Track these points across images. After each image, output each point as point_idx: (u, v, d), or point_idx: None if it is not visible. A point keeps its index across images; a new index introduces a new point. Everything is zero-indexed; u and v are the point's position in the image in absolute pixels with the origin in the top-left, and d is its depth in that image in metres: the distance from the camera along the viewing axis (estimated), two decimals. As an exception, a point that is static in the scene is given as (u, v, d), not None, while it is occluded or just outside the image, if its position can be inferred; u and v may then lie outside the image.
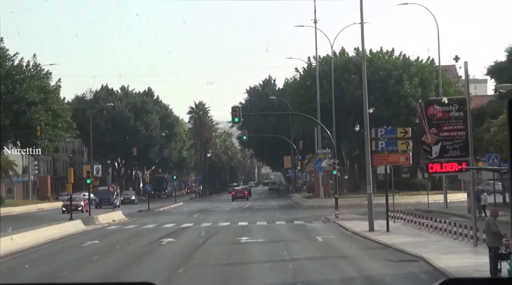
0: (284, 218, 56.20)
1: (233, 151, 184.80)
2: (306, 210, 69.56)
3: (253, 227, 48.24)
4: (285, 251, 31.79)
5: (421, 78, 77.71)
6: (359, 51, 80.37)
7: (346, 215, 56.04)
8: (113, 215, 59.53)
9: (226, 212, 71.82)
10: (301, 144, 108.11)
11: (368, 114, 79.87)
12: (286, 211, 68.70)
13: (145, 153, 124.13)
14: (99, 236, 42.92)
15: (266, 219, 56.24)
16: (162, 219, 60.13)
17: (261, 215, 62.89)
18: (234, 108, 54.84)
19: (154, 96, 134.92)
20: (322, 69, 79.65)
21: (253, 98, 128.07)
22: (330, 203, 72.77)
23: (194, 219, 60.22)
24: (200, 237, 40.59)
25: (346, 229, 43.52)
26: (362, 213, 59.91)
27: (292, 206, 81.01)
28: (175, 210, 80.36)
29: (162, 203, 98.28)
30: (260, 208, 77.13)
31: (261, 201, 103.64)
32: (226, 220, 56.66)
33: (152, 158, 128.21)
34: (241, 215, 64.54)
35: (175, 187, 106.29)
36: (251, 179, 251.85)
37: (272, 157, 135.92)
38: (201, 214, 69.13)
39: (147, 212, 74.66)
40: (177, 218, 62.21)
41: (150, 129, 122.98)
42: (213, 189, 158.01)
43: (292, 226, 48.40)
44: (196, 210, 78.39)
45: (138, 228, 49.79)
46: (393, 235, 37.50)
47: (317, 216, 58.91)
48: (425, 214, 47.64)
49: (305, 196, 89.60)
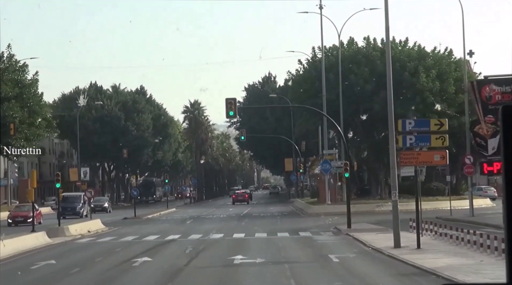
0: (287, 228, 48.22)
1: (231, 153, 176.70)
2: (311, 217, 61.57)
3: (250, 240, 40.29)
4: (292, 279, 23.82)
5: (439, 70, 69.77)
6: (369, 40, 72.53)
7: (360, 225, 48.12)
8: (89, 224, 51.48)
9: (221, 220, 63.85)
10: (304, 145, 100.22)
11: (379, 112, 72.24)
12: (289, 219, 60.70)
13: (136, 155, 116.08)
14: (59, 254, 34.89)
15: (266, 229, 48.28)
16: (146, 229, 52.18)
17: (260, 224, 54.89)
18: (228, 100, 46.93)
19: (147, 95, 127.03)
20: (328, 61, 71.73)
21: (252, 96, 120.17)
22: (338, 210, 64.98)
23: (184, 228, 52.26)
24: (185, 255, 32.57)
25: (364, 244, 35.51)
26: (376, 222, 52.02)
27: (295, 213, 73.03)
28: (165, 217, 72.40)
29: (153, 208, 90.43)
30: (259, 215, 69.14)
31: (261, 206, 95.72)
32: (220, 230, 48.71)
33: (144, 160, 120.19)
34: (238, 223, 56.56)
35: (168, 191, 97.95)
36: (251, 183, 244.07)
37: (272, 159, 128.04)
38: (193, 222, 61.19)
39: (132, 220, 66.75)
40: (164, 227, 54.25)
41: (142, 129, 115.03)
42: (210, 193, 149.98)
43: (298, 239, 40.40)
44: (188, 217, 70.48)
45: (113, 242, 41.80)
46: (428, 254, 29.51)
47: (325, 225, 51.03)
48: (449, 223, 39.93)
49: (308, 201, 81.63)
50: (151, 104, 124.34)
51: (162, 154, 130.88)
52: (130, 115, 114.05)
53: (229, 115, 47.11)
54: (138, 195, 71.06)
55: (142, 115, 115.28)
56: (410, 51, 70.70)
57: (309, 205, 73.15)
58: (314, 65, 72.63)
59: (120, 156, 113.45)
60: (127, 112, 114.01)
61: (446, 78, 69.62)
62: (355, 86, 69.48)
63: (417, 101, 68.65)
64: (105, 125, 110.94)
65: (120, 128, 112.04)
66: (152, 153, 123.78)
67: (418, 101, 68.55)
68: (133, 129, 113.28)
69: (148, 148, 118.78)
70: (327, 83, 69.32)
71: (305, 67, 73.75)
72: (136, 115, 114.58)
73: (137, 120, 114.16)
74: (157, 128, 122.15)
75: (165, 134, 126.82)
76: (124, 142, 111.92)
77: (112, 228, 54.28)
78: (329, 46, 74.35)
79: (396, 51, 70.92)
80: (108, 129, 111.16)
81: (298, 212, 72.47)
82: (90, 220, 54.68)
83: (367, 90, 68.94)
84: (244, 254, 31.47)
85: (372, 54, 69.98)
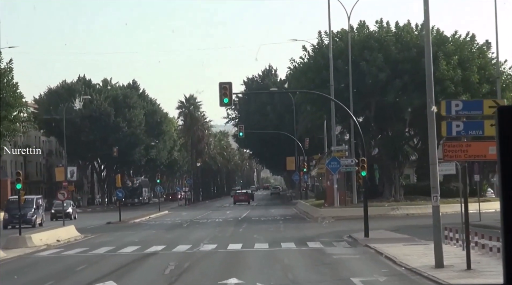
0: (293, 237, 40.71)
1: (229, 152, 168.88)
2: (319, 223, 53.98)
3: (248, 254, 32.77)
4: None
5: (460, 57, 62.18)
6: (382, 23, 64.97)
7: (378, 232, 40.66)
8: (59, 232, 43.84)
9: (217, 225, 56.24)
10: (307, 142, 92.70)
11: (394, 104, 64.75)
12: (293, 224, 53.08)
13: (128, 154, 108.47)
14: (3, 274, 27.32)
15: (268, 237, 40.76)
16: (128, 237, 44.71)
17: (261, 230, 47.29)
18: (222, 85, 39.46)
19: (140, 90, 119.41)
20: (336, 46, 64.16)
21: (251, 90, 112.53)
22: (348, 214, 57.56)
23: (171, 236, 44.74)
24: (162, 278, 25.04)
25: (393, 260, 27.91)
26: (396, 228, 44.54)
27: (299, 216, 65.48)
28: (154, 221, 64.88)
29: (144, 211, 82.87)
30: (259, 219, 61.54)
31: (261, 208, 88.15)
32: (213, 239, 41.19)
33: (136, 159, 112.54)
34: (235, 230, 48.99)
35: (160, 192, 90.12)
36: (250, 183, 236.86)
37: (272, 158, 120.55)
38: (184, 227, 53.65)
39: (116, 225, 59.33)
40: (149, 235, 46.76)
41: (134, 126, 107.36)
42: (207, 194, 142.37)
43: (307, 252, 32.83)
44: (180, 221, 63.04)
45: (81, 255, 34.27)
46: (486, 278, 22.03)
47: (337, 232, 43.53)
48: (481, 231, 32.73)
49: (313, 203, 74.01)
50: (144, 99, 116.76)
51: (156, 153, 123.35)
52: (121, 111, 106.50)
53: (224, 103, 39.57)
54: (123, 196, 63.36)
55: (133, 111, 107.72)
56: (428, 35, 62.98)
57: (315, 207, 65.56)
58: (320, 52, 64.98)
59: (110, 154, 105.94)
60: (118, 107, 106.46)
61: (469, 66, 62.04)
62: (367, 75, 61.88)
63: (437, 91, 60.75)
64: (94, 122, 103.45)
65: (110, 125, 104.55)
66: (145, 152, 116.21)
67: (437, 91, 60.66)
68: (124, 126, 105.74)
69: (141, 146, 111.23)
70: (335, 72, 61.79)
71: (310, 54, 65.99)
72: (127, 111, 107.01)
73: (128, 117, 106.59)
74: (150, 125, 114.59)
75: (159, 132, 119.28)
76: (114, 140, 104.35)
77: (89, 236, 46.78)
78: (337, 31, 66.83)
79: (412, 35, 63.48)
80: (97, 126, 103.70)
81: (302, 216, 64.93)
82: (63, 227, 47.02)
83: (381, 79, 61.42)
84: (240, 276, 23.95)
85: (386, 38, 62.41)
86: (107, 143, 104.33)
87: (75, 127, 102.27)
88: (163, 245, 37.72)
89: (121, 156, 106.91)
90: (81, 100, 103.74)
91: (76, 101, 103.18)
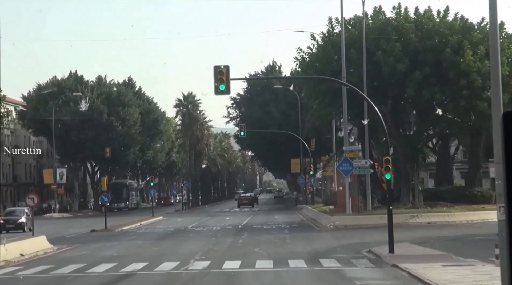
0: (302, 252, 33.95)
1: (231, 155, 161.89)
2: (330, 232, 47.21)
3: (248, 276, 26.02)
4: None
5: (489, 47, 55.27)
6: (400, 9, 58.19)
7: (403, 246, 33.98)
8: (25, 244, 36.99)
9: (213, 234, 49.39)
10: (314, 143, 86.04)
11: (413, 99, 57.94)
12: (301, 234, 46.23)
13: (121, 154, 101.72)
14: None
15: (272, 252, 34.00)
16: (106, 250, 38.01)
17: (263, 242, 40.50)
18: (218, 69, 32.76)
19: (136, 88, 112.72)
20: (349, 35, 57.40)
21: (254, 88, 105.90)
22: (362, 222, 50.88)
23: (158, 249, 38.03)
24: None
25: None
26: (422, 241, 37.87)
27: (306, 224, 58.64)
28: (144, 229, 58.16)
29: (137, 217, 76.18)
30: (262, 228, 54.71)
31: (264, 214, 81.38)
32: (207, 254, 34.46)
33: (131, 160, 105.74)
34: (233, 241, 42.16)
35: (153, 196, 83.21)
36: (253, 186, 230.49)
37: (276, 160, 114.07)
38: (176, 237, 46.92)
39: (100, 234, 52.68)
40: (132, 247, 40.00)
41: (128, 125, 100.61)
42: (207, 198, 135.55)
43: (321, 275, 26.01)
44: (173, 229, 56.40)
45: (38, 277, 27.56)
46: None
47: (353, 246, 36.84)
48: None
49: (321, 209, 67.24)
50: (140, 97, 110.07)
51: (153, 154, 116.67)
52: (115, 109, 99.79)
53: (219, 91, 32.79)
54: (108, 201, 56.67)
55: (128, 109, 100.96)
56: (452, 23, 56.29)
57: (324, 214, 58.69)
58: (331, 40, 58.10)
59: (103, 155, 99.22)
60: (111, 105, 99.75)
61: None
62: (383, 67, 55.08)
63: (461, 85, 54.21)
64: (85, 121, 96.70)
65: (102, 124, 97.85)
66: (140, 153, 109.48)
67: (462, 85, 54.12)
68: (118, 125, 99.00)
69: (135, 147, 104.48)
70: (347, 63, 55.05)
71: (320, 44, 59.09)
72: (121, 109, 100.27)
73: (122, 115, 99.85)
74: (147, 125, 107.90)
75: (156, 132, 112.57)
76: (106, 139, 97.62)
77: (63, 248, 40.06)
78: (349, 17, 60.03)
79: (434, 22, 56.66)
80: (89, 125, 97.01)
81: (310, 224, 58.08)
82: (32, 237, 40.18)
83: (399, 71, 54.63)
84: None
85: (405, 26, 55.61)
86: (99, 143, 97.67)
87: (65, 126, 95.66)
88: (144, 261, 30.99)
89: (115, 157, 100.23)
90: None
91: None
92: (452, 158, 68.90)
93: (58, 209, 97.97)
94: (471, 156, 63.56)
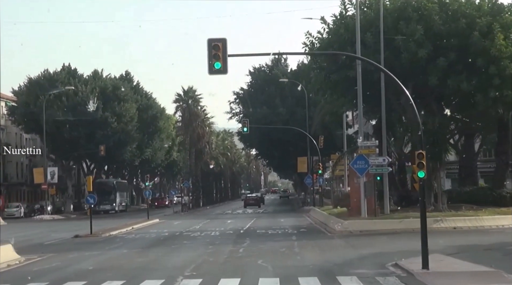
0: (314, 265, 27.97)
1: (234, 154, 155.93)
2: (344, 239, 41.15)
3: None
4: None
5: (521, 30, 49.45)
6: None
7: (437, 259, 28.01)
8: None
9: (210, 241, 43.27)
10: (322, 140, 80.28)
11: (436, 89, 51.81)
12: (311, 242, 40.16)
13: (117, 153, 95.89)
14: None
15: (278, 266, 28.01)
16: (82, 262, 32.10)
17: (268, 251, 34.47)
18: (213, 43, 26.88)
19: (133, 82, 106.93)
20: (364, 17, 51.43)
21: (258, 82, 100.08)
22: (381, 227, 44.91)
23: (142, 260, 32.08)
24: None
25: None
26: (452, 249, 32.03)
27: (316, 229, 52.62)
28: (135, 234, 52.22)
29: (131, 219, 70.51)
30: (265, 233, 48.70)
31: (268, 216, 75.51)
32: (200, 267, 28.50)
33: (127, 158, 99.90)
34: (233, 250, 36.10)
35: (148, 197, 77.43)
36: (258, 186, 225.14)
37: (281, 159, 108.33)
38: (167, 245, 41.02)
39: (83, 240, 46.85)
40: (113, 258, 34.01)
41: (124, 122, 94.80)
42: (209, 199, 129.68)
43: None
44: (168, 234, 50.57)
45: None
46: None
47: (374, 256, 30.85)
48: None
49: (331, 212, 61.28)
50: (137, 92, 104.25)
51: (152, 152, 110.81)
52: (110, 104, 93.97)
53: (214, 69, 26.85)
54: (94, 202, 50.82)
55: (124, 105, 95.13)
56: (481, 3, 50.23)
57: (335, 217, 52.59)
58: (344, 23, 52.04)
59: (97, 153, 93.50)
60: (106, 100, 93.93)
61: (532, 41, 49.24)
62: (403, 52, 49.10)
63: (491, 73, 48.18)
64: (78, 116, 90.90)
65: (96, 120, 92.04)
66: (138, 151, 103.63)
67: (492, 72, 48.09)
68: (113, 121, 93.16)
69: (132, 144, 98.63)
70: (362, 48, 49.07)
71: (331, 27, 53.00)
72: (117, 105, 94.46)
73: (118, 111, 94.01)
74: (145, 121, 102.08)
75: (155, 129, 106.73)
76: (101, 137, 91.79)
77: (33, 259, 34.13)
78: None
79: (460, 2, 50.60)
80: (82, 121, 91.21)
81: (320, 228, 52.07)
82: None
83: (420, 57, 48.64)
84: None
85: (427, 7, 49.52)
86: (93, 140, 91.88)
87: (57, 122, 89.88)
88: (121, 279, 25.05)
89: (110, 155, 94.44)
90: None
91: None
92: (477, 155, 62.90)
93: (51, 210, 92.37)
94: (499, 153, 57.54)
